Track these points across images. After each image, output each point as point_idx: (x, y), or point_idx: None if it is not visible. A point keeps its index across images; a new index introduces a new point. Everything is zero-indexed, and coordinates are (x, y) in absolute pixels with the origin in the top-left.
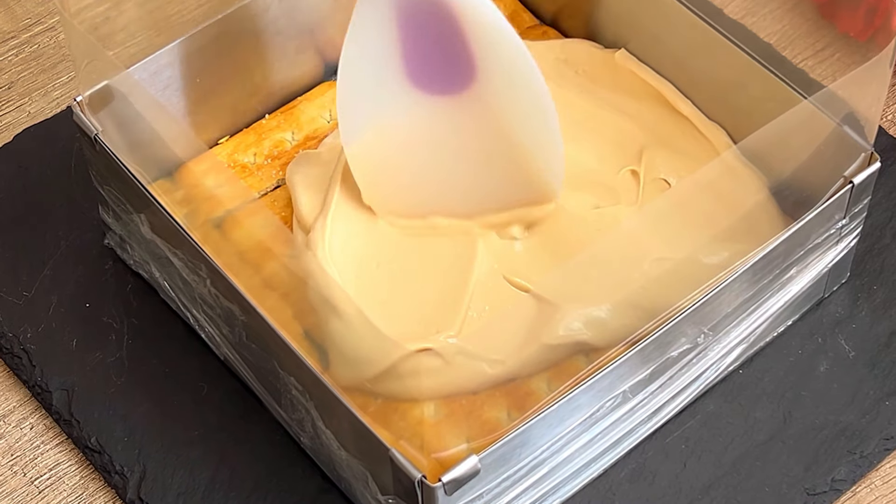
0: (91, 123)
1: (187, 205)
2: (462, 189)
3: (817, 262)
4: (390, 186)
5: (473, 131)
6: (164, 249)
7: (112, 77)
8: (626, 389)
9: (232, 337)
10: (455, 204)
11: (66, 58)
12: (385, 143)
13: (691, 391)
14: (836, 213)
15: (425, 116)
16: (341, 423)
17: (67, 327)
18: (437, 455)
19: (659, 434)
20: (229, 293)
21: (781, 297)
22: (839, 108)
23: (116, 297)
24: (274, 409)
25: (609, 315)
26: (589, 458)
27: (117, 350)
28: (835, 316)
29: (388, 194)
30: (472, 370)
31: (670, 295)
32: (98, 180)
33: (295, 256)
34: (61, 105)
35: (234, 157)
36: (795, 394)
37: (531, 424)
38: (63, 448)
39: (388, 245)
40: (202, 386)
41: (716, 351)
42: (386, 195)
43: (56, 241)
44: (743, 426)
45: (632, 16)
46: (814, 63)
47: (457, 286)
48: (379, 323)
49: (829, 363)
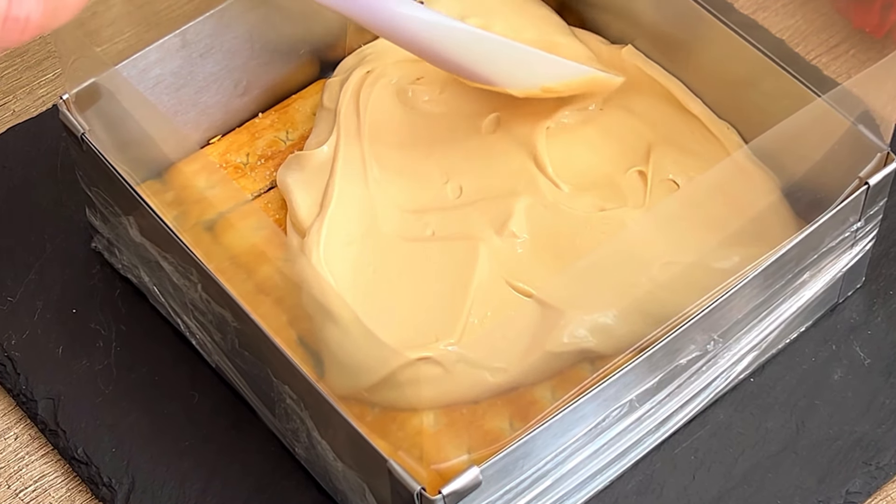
0: (78, 122)
1: (178, 207)
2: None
3: (831, 267)
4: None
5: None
6: (154, 253)
7: (99, 74)
8: (633, 398)
9: (224, 344)
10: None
11: (51, 54)
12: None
13: (700, 400)
14: (851, 216)
15: None
16: (337, 434)
17: (53, 334)
18: (437, 466)
19: (667, 445)
20: (221, 298)
21: (794, 303)
22: (854, 107)
23: (104, 302)
24: (267, 419)
25: (615, 321)
26: (594, 470)
27: (105, 357)
28: (849, 322)
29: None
30: (473, 378)
31: (679, 300)
32: (85, 181)
33: (289, 260)
34: (47, 103)
35: (226, 157)
36: (808, 403)
37: (534, 435)
38: (49, 459)
39: (385, 249)
40: (193, 395)
41: (726, 358)
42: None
43: (41, 245)
44: (754, 436)
45: (639, 10)
46: (828, 59)
47: (457, 291)
48: (376, 330)
49: (844, 371)
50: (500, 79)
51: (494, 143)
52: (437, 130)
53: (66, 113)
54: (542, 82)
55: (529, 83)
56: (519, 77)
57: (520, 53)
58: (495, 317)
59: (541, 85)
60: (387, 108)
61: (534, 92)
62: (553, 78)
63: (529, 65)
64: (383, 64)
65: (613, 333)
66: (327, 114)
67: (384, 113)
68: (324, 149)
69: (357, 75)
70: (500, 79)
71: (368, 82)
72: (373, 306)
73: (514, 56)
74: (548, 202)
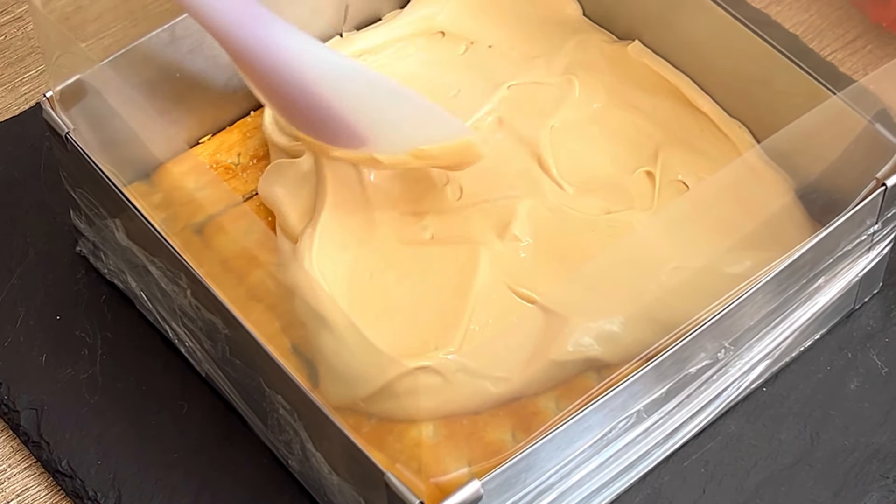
0: (62, 121)
1: (166, 209)
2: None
3: (847, 271)
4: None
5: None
6: (141, 257)
7: (85, 71)
8: (641, 409)
9: (214, 352)
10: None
11: (35, 50)
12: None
13: (711, 411)
14: (868, 218)
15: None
16: (332, 445)
17: (36, 341)
18: (437, 479)
19: (676, 457)
20: (211, 304)
21: (808, 309)
22: (871, 105)
23: (89, 308)
24: (260, 430)
25: (622, 329)
26: (600, 484)
27: (90, 366)
28: (866, 329)
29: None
30: (473, 388)
31: (688, 307)
32: (69, 182)
33: (282, 265)
34: (30, 101)
35: (216, 157)
36: (823, 413)
37: (538, 447)
38: (32, 472)
39: (382, 254)
40: (182, 405)
41: (737, 367)
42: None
43: (24, 249)
44: (767, 448)
45: (646, 4)
46: (843, 55)
47: (457, 297)
48: (373, 337)
49: (860, 380)
50: (375, 137)
51: (497, 143)
52: None
53: (49, 111)
54: (418, 144)
55: (403, 144)
56: (393, 137)
57: (403, 103)
58: (497, 324)
59: (414, 147)
60: None
61: (401, 158)
62: (428, 140)
63: (408, 120)
64: (378, 63)
65: (620, 341)
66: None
67: None
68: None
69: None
70: (375, 137)
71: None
72: (369, 313)
73: (397, 107)
74: (552, 204)
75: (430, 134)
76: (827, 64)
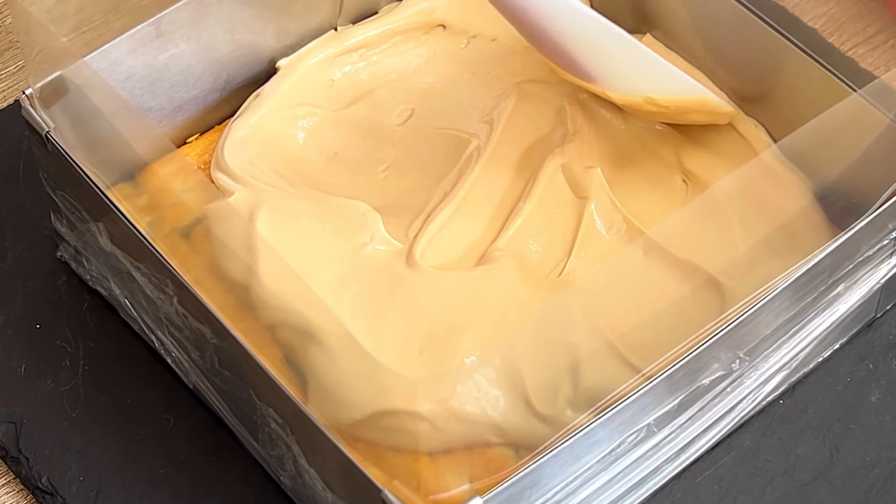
0: (42, 119)
1: (151, 212)
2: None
3: (868, 278)
4: None
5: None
6: (126, 263)
7: (66, 67)
8: (651, 422)
9: (202, 363)
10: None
11: (13, 45)
12: None
13: (725, 424)
14: (890, 222)
15: None
16: (327, 461)
17: (15, 351)
18: (436, 497)
19: (688, 473)
20: (199, 313)
21: (827, 318)
22: (893, 102)
23: (71, 317)
24: (250, 445)
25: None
26: (608, 501)
27: (72, 377)
28: (888, 338)
29: None
30: (467, 436)
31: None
32: (50, 184)
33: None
34: (8, 99)
35: (204, 157)
36: (843, 427)
37: (543, 462)
38: (10, 489)
39: (375, 273)
40: (168, 418)
41: (753, 378)
42: None
43: (2, 254)
44: (784, 464)
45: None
46: (864, 51)
47: (452, 329)
48: (365, 362)
49: (882, 392)
50: (605, 77)
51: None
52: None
53: (29, 109)
54: (648, 92)
55: (633, 89)
56: (623, 81)
57: (634, 52)
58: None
59: (645, 94)
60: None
61: (635, 101)
62: (660, 90)
63: (639, 69)
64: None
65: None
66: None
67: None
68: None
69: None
70: (605, 77)
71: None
72: (361, 329)
73: (628, 55)
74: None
75: (661, 86)
76: (847, 59)
